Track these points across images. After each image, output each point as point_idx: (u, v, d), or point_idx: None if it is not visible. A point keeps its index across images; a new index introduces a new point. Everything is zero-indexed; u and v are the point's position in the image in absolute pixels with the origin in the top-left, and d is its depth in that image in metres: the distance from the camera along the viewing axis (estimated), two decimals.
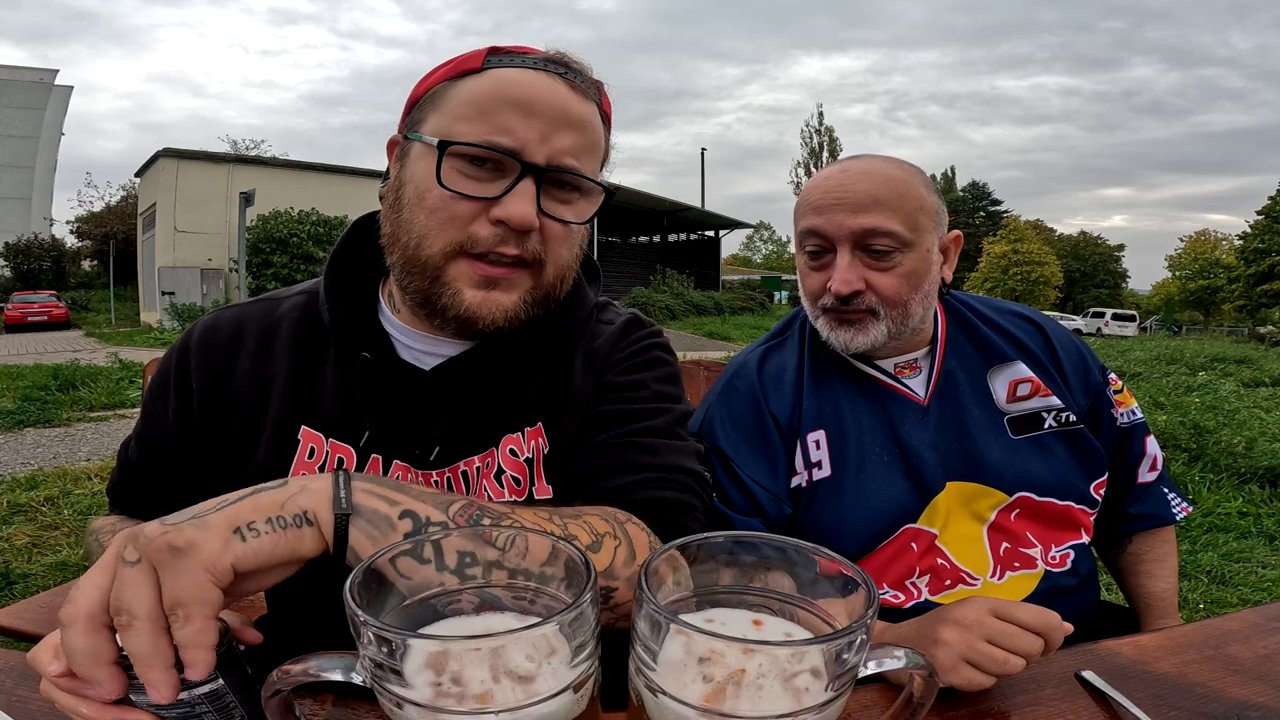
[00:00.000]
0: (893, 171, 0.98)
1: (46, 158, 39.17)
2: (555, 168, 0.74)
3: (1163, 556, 1.11)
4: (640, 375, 0.86)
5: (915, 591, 0.98)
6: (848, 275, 0.97)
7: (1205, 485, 4.09)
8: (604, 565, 0.62)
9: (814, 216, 0.99)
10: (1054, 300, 41.70)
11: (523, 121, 0.73)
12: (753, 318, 24.89)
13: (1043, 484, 1.00)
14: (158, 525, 0.49)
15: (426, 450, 0.79)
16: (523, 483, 0.81)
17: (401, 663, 0.40)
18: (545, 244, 0.76)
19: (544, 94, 0.74)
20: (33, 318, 24.28)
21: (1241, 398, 6.54)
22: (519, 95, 0.73)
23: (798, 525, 1.01)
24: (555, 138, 0.74)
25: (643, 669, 0.42)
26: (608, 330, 0.90)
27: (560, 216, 0.76)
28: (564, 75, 0.76)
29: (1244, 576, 3.00)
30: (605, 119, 0.82)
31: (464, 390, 0.80)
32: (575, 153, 0.75)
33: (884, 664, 0.45)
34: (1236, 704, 0.64)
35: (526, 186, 0.73)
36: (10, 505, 3.85)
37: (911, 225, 0.96)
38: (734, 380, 1.08)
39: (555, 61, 0.77)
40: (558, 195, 0.77)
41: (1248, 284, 33.84)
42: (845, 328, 1.00)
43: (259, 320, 0.85)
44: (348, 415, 0.80)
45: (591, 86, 0.79)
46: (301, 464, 0.79)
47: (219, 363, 0.83)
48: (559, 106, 0.74)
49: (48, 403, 7.07)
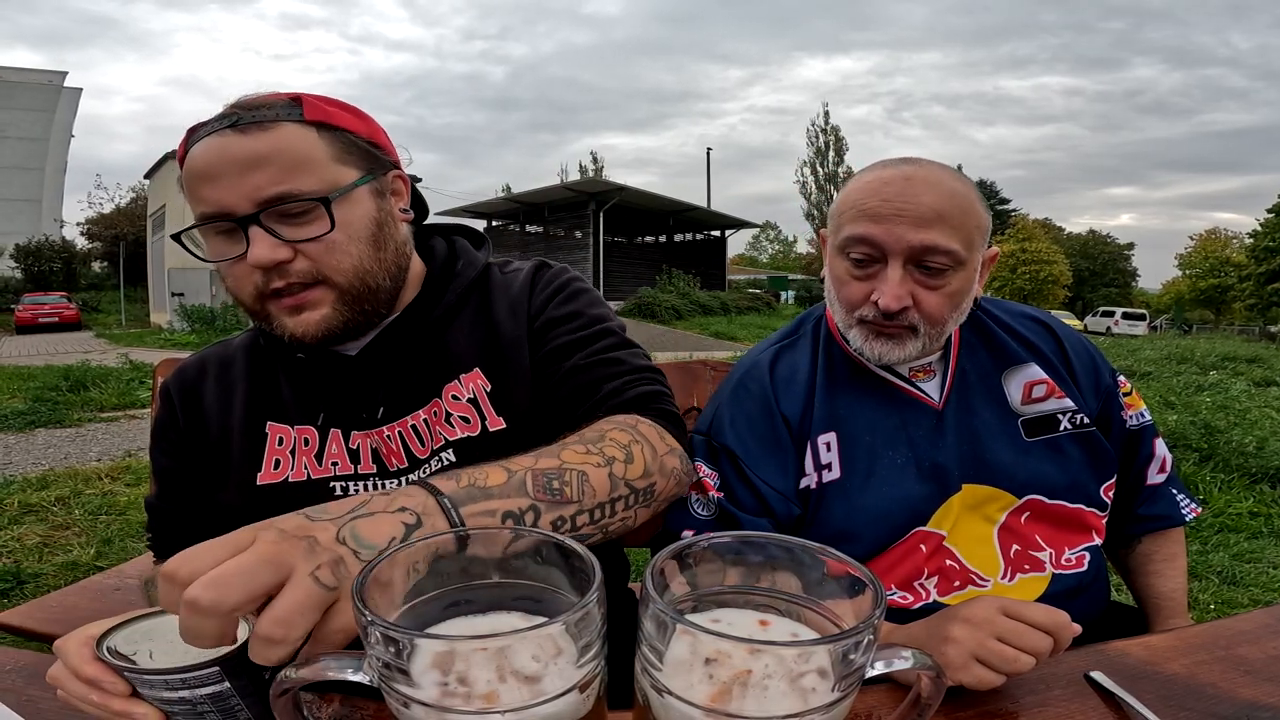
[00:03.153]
0: (957, 185, 0.93)
1: (56, 160, 39.46)
2: (262, 206, 0.80)
3: (1172, 556, 1.11)
4: (572, 306, 0.98)
5: (924, 593, 0.97)
6: (899, 291, 0.92)
7: (1216, 485, 4.06)
8: (640, 469, 0.78)
9: (869, 224, 0.93)
10: (1063, 299, 41.46)
11: (214, 187, 0.80)
12: (759, 318, 24.83)
13: (1053, 487, 1.00)
14: (354, 560, 0.53)
15: (373, 413, 0.90)
16: (472, 420, 0.91)
17: (408, 662, 0.40)
18: (317, 260, 0.83)
19: (216, 157, 0.80)
20: (43, 319, 24.44)
21: (1253, 397, 6.50)
22: (200, 169, 0.80)
23: (806, 527, 1.01)
24: (243, 184, 0.79)
25: (649, 669, 0.42)
26: (519, 278, 1.01)
27: (304, 236, 0.82)
28: (234, 124, 0.80)
29: (1255, 577, 2.98)
30: (322, 123, 0.84)
31: (389, 361, 0.92)
32: (272, 183, 0.79)
33: (891, 664, 0.45)
34: (1247, 705, 0.64)
35: (254, 234, 0.80)
36: (21, 505, 3.88)
37: (968, 244, 0.93)
38: (745, 380, 1.07)
39: (226, 115, 0.82)
40: (290, 222, 0.82)
41: (1258, 282, 33.55)
42: (882, 340, 0.97)
43: (216, 357, 1.02)
44: (302, 404, 0.93)
45: (275, 111, 0.82)
46: (274, 450, 0.92)
47: (191, 394, 0.99)
48: (233, 158, 0.79)
49: (59, 403, 7.12)
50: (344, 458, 0.91)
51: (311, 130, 0.83)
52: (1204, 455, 4.45)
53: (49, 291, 28.10)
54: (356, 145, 0.87)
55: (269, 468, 0.91)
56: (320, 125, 0.84)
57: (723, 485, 1.00)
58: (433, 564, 0.48)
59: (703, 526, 0.99)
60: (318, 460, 0.91)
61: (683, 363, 1.45)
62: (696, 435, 1.06)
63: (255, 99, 0.84)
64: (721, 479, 1.01)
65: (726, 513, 0.99)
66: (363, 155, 0.87)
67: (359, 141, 0.87)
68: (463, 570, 0.49)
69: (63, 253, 32.65)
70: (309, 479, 0.90)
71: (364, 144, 0.88)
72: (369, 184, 0.87)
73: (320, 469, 0.90)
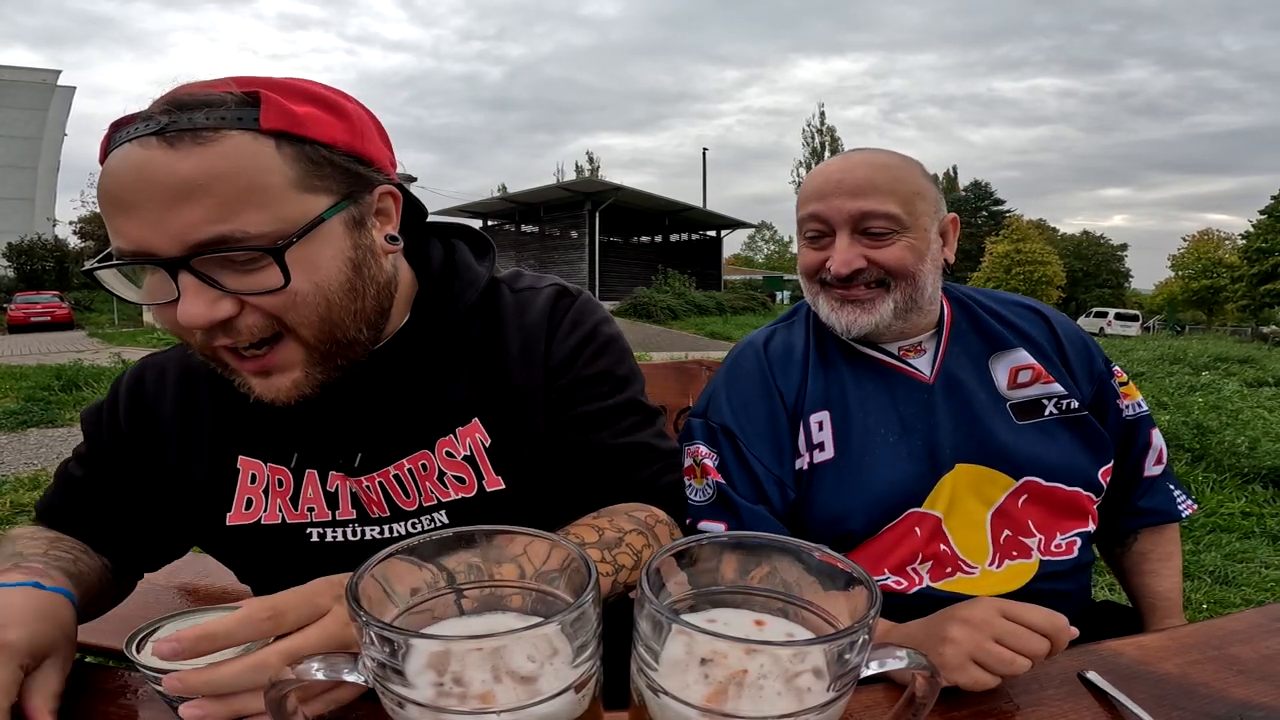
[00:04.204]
0: (890, 160, 1.02)
1: (49, 158, 39.24)
2: (193, 251, 0.61)
3: (1167, 555, 1.11)
4: (602, 364, 0.87)
5: (917, 578, 0.98)
6: (847, 255, 0.99)
7: (1208, 485, 4.08)
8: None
9: (815, 203, 1.02)
10: (1057, 300, 41.58)
11: (127, 219, 0.61)
12: (755, 318, 24.84)
13: (1050, 468, 1.01)
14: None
15: (351, 459, 0.80)
16: (468, 480, 0.81)
17: (403, 663, 0.40)
18: (273, 312, 0.66)
19: (134, 179, 0.60)
20: (36, 318, 24.31)
21: (1245, 398, 6.52)
22: (112, 191, 0.61)
23: (800, 508, 1.02)
24: (168, 220, 0.60)
25: (645, 669, 0.42)
26: (535, 305, 0.87)
27: (252, 289, 0.63)
28: (161, 131, 0.60)
29: (1247, 577, 2.99)
30: (284, 132, 0.64)
31: (371, 401, 0.80)
32: (205, 222, 0.60)
33: (886, 664, 0.45)
34: (1239, 704, 0.64)
35: (186, 282, 0.62)
36: (14, 505, 3.86)
37: (908, 209, 0.99)
38: (741, 360, 1.11)
39: (153, 116, 0.62)
40: (234, 268, 0.63)
41: (1251, 284, 33.72)
42: (849, 308, 1.02)
43: (178, 364, 0.88)
44: (275, 439, 0.82)
45: (219, 114, 0.62)
46: (245, 488, 0.83)
47: (143, 411, 0.87)
48: (154, 182, 0.60)
49: (51, 403, 7.09)
50: (320, 502, 0.82)
51: (268, 143, 0.63)
52: (1196, 455, 4.47)
53: (41, 290, 27.93)
54: (331, 162, 0.67)
55: (240, 508, 0.82)
56: (281, 136, 0.64)
57: (721, 468, 1.01)
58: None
59: (700, 512, 1.00)
60: (293, 504, 0.82)
61: (678, 363, 1.45)
62: (694, 419, 1.07)
63: (195, 91, 0.63)
64: (720, 460, 1.01)
65: (725, 497, 0.99)
66: (339, 174, 0.68)
67: (335, 156, 0.67)
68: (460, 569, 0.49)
69: (55, 251, 32.46)
70: (284, 523, 0.82)
71: (341, 158, 0.68)
72: (343, 212, 0.68)
73: (295, 514, 0.82)
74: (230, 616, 0.51)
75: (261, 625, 0.52)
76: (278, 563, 0.84)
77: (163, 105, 0.62)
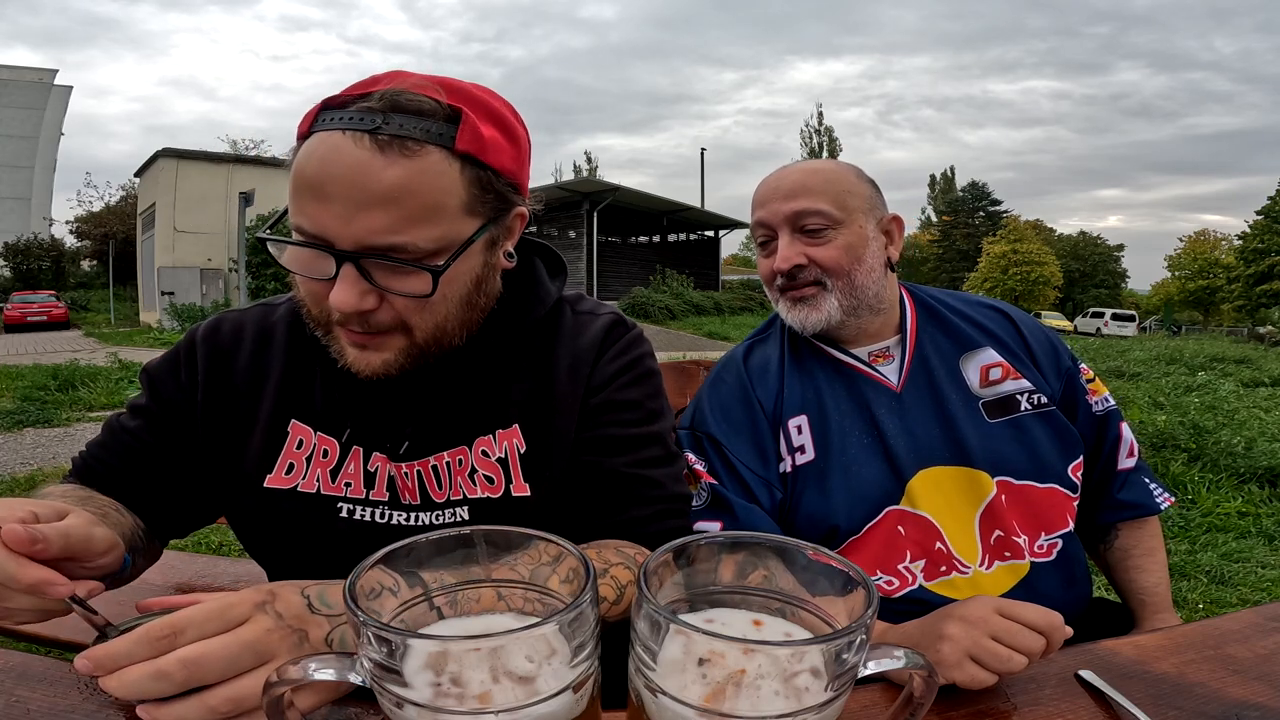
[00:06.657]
0: (822, 165, 1.11)
1: (46, 158, 39.17)
2: (366, 252, 0.67)
3: (1150, 550, 1.12)
4: (635, 393, 0.89)
5: (909, 577, 0.99)
6: (787, 252, 1.07)
7: (1205, 485, 4.09)
8: (623, 609, 0.72)
9: (758, 210, 1.11)
10: (1054, 300, 41.69)
11: (318, 206, 0.66)
12: (752, 317, 24.87)
13: (1019, 467, 1.03)
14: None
15: (397, 444, 0.83)
16: (497, 481, 0.84)
17: (401, 663, 0.40)
18: (402, 313, 0.73)
19: (337, 170, 0.65)
20: (32, 318, 24.29)
21: (1241, 398, 6.55)
22: (311, 175, 0.66)
23: (786, 510, 1.04)
24: (357, 220, 0.66)
25: (642, 669, 0.42)
26: (591, 328, 0.91)
27: (399, 290, 0.70)
28: (374, 131, 0.66)
29: (1243, 576, 3.00)
30: (471, 156, 0.70)
31: (428, 393, 0.84)
32: (388, 231, 0.67)
33: (883, 664, 0.45)
34: (1236, 704, 0.64)
35: (346, 272, 0.68)
36: None
37: (840, 206, 1.06)
38: (722, 373, 1.15)
39: (374, 112, 0.67)
40: (389, 270, 0.70)
41: (1247, 284, 33.85)
42: (800, 306, 1.08)
43: (256, 323, 0.92)
44: (333, 411, 0.85)
45: (427, 128, 0.68)
46: (290, 453, 0.85)
47: (221, 358, 0.89)
48: (355, 184, 0.65)
49: (47, 403, 7.07)
50: (359, 480, 0.84)
51: (456, 165, 0.69)
52: (1193, 455, 4.49)
53: (38, 290, 27.92)
54: (494, 189, 0.73)
55: (280, 471, 0.85)
56: (467, 159, 0.70)
57: (711, 473, 1.04)
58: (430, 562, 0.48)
59: (694, 515, 1.01)
60: (331, 477, 0.84)
61: (677, 363, 1.45)
62: (681, 430, 1.10)
63: (410, 93, 0.68)
64: (710, 467, 1.05)
65: (719, 497, 1.01)
66: (495, 199, 0.74)
67: (498, 183, 0.74)
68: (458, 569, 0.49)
69: (51, 251, 32.46)
70: (318, 493, 0.84)
71: (503, 185, 0.74)
72: (486, 234, 0.75)
73: (332, 486, 0.84)
74: (127, 636, 0.51)
75: (157, 644, 0.51)
76: (300, 535, 0.84)
77: (380, 103, 0.67)
